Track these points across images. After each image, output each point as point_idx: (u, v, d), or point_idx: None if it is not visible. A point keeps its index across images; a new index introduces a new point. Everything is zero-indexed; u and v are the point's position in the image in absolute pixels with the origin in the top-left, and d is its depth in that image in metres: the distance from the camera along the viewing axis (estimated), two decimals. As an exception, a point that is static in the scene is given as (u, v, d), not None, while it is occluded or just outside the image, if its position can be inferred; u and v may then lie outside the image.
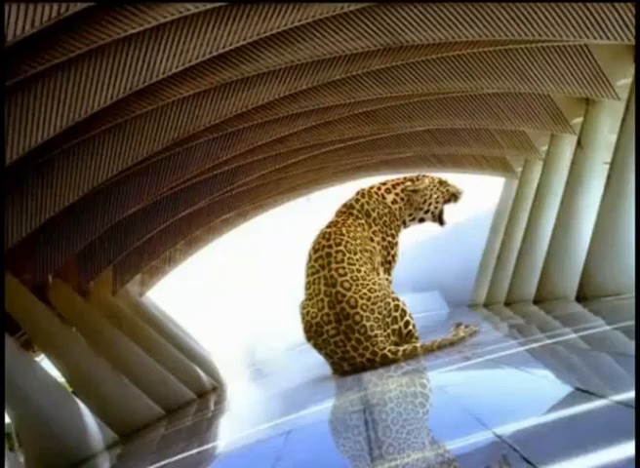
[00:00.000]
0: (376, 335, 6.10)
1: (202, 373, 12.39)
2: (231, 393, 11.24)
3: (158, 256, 13.62)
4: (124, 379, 9.04)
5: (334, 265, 6.22)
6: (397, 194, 6.67)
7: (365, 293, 6.14)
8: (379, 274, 6.50)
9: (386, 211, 6.61)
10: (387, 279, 6.58)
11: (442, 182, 6.77)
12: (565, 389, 3.08)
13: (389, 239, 6.63)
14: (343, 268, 6.19)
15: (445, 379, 4.47)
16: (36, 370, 7.16)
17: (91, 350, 9.06)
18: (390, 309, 6.23)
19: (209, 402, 10.15)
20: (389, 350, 6.08)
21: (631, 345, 4.07)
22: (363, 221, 6.60)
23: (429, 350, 6.09)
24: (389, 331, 6.20)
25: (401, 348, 6.09)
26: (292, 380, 8.98)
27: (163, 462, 4.59)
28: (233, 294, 18.37)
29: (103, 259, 11.05)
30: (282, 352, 16.11)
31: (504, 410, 2.89)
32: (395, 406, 3.85)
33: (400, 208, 6.66)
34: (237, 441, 4.59)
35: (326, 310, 6.18)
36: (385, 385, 4.93)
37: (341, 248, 6.28)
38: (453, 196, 6.80)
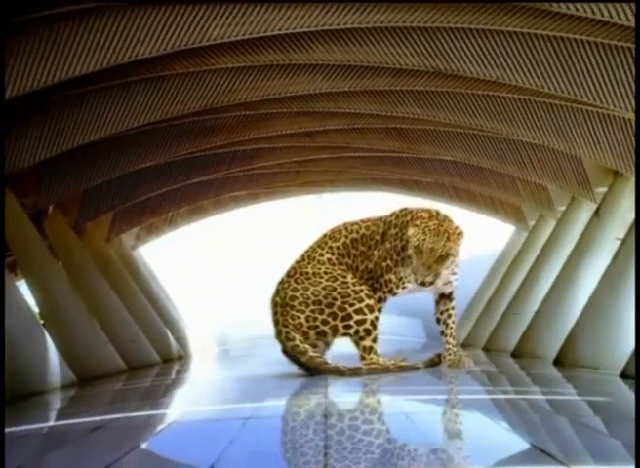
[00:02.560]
0: (292, 307, 6.28)
1: (172, 340, 12.41)
2: (196, 366, 11.26)
3: (160, 216, 13.63)
4: (96, 325, 9.05)
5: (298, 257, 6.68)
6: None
7: (303, 280, 6.39)
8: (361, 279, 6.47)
9: (405, 237, 6.36)
10: (363, 289, 6.40)
11: (418, 249, 6.03)
12: (523, 444, 3.09)
13: (388, 263, 6.43)
14: (303, 260, 6.57)
15: (411, 406, 4.49)
16: (13, 292, 7.17)
17: (71, 288, 9.06)
18: (334, 304, 6.25)
19: (172, 369, 10.17)
20: (287, 332, 6.24)
21: (594, 419, 4.08)
22: (380, 231, 6.59)
23: (327, 369, 6.09)
24: (320, 317, 6.23)
25: (303, 345, 6.15)
26: (256, 369, 8.99)
27: (114, 416, 4.60)
28: (224, 274, 18.37)
29: (106, 204, 11.06)
30: (254, 340, 16.11)
31: (464, 450, 2.91)
32: (356, 414, 3.88)
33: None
34: (192, 414, 4.59)
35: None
36: (350, 394, 4.97)
37: (314, 245, 6.64)
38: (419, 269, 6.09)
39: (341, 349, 6.71)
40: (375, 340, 6.28)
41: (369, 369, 6.13)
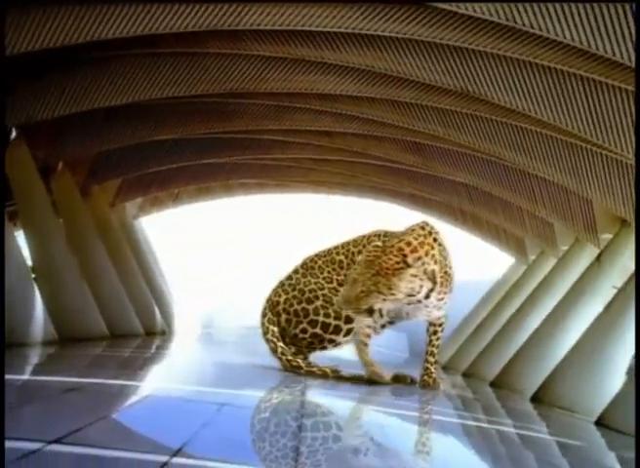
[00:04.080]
0: (282, 285, 6.49)
1: (158, 314, 12.40)
2: (177, 344, 11.26)
3: (166, 190, 13.65)
4: (86, 287, 9.04)
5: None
6: None
7: (307, 268, 6.51)
8: None
9: None
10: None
11: (347, 278, 5.88)
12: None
13: None
14: (323, 252, 6.69)
15: (386, 419, 4.51)
16: (10, 242, 7.17)
17: (68, 248, 9.06)
18: (313, 303, 6.32)
19: (153, 343, 10.17)
20: (264, 307, 6.41)
21: (562, 461, 4.09)
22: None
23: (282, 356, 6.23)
24: (295, 307, 6.35)
25: (267, 326, 6.31)
26: (237, 356, 9.00)
27: (90, 380, 4.60)
28: (221, 259, 18.38)
29: (116, 170, 11.07)
30: (238, 329, 16.14)
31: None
32: (332, 417, 3.90)
33: None
34: (168, 391, 4.59)
35: None
36: (327, 397, 4.98)
37: (341, 243, 6.70)
38: None
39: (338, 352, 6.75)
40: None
41: (307, 371, 6.14)
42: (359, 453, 2.98)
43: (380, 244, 5.72)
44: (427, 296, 5.78)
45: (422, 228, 5.86)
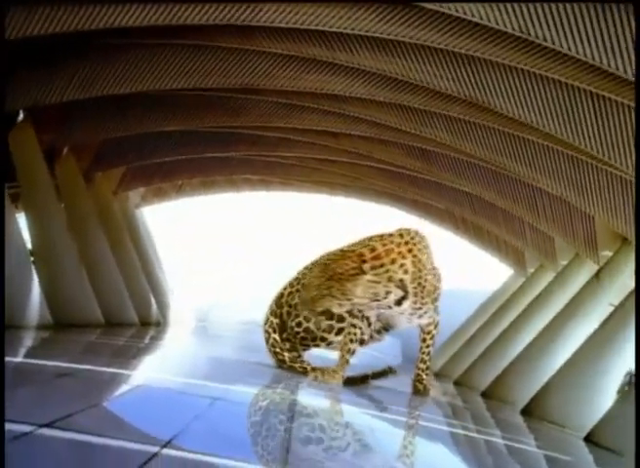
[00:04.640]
0: (290, 280, 6.44)
1: (154, 305, 12.39)
2: (171, 335, 11.26)
3: (170, 181, 13.65)
4: (84, 274, 9.04)
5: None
6: None
7: (316, 265, 6.34)
8: None
9: None
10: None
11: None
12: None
13: None
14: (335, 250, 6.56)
15: (374, 422, 4.52)
16: (11, 224, 7.16)
17: (68, 233, 9.05)
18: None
19: (147, 333, 10.17)
20: (270, 308, 6.39)
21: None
22: None
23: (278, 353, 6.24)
24: (296, 300, 6.36)
25: (266, 317, 6.34)
26: (231, 352, 9.00)
27: (83, 366, 4.60)
28: (222, 254, 18.39)
29: (121, 159, 11.07)
30: (234, 324, 16.13)
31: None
32: (320, 419, 3.90)
33: None
34: (160, 382, 4.58)
35: None
36: (317, 397, 4.98)
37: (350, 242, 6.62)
38: None
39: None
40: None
41: (290, 366, 6.18)
42: (345, 454, 2.99)
43: (345, 248, 5.72)
44: (399, 304, 5.69)
45: (401, 236, 5.71)
